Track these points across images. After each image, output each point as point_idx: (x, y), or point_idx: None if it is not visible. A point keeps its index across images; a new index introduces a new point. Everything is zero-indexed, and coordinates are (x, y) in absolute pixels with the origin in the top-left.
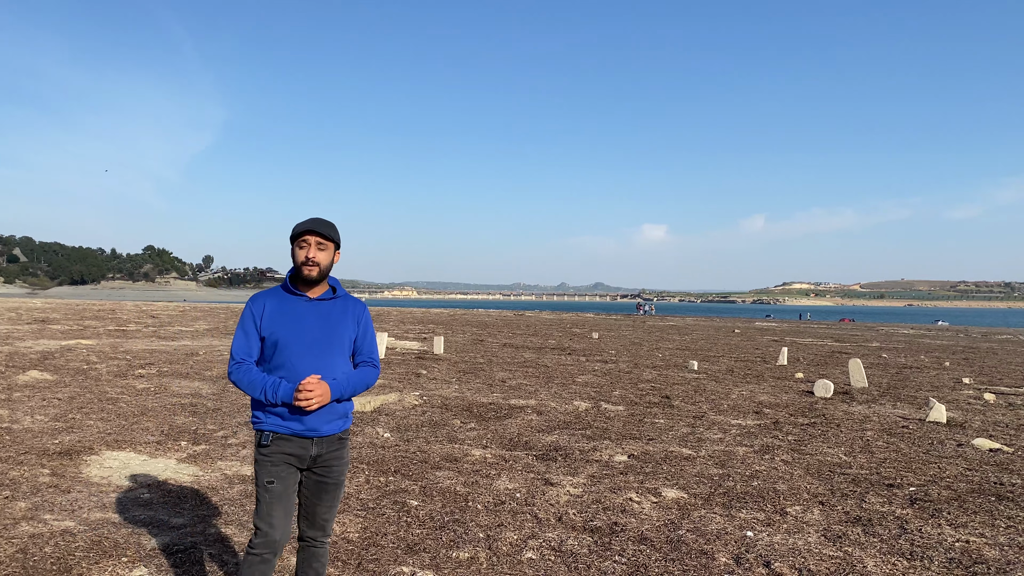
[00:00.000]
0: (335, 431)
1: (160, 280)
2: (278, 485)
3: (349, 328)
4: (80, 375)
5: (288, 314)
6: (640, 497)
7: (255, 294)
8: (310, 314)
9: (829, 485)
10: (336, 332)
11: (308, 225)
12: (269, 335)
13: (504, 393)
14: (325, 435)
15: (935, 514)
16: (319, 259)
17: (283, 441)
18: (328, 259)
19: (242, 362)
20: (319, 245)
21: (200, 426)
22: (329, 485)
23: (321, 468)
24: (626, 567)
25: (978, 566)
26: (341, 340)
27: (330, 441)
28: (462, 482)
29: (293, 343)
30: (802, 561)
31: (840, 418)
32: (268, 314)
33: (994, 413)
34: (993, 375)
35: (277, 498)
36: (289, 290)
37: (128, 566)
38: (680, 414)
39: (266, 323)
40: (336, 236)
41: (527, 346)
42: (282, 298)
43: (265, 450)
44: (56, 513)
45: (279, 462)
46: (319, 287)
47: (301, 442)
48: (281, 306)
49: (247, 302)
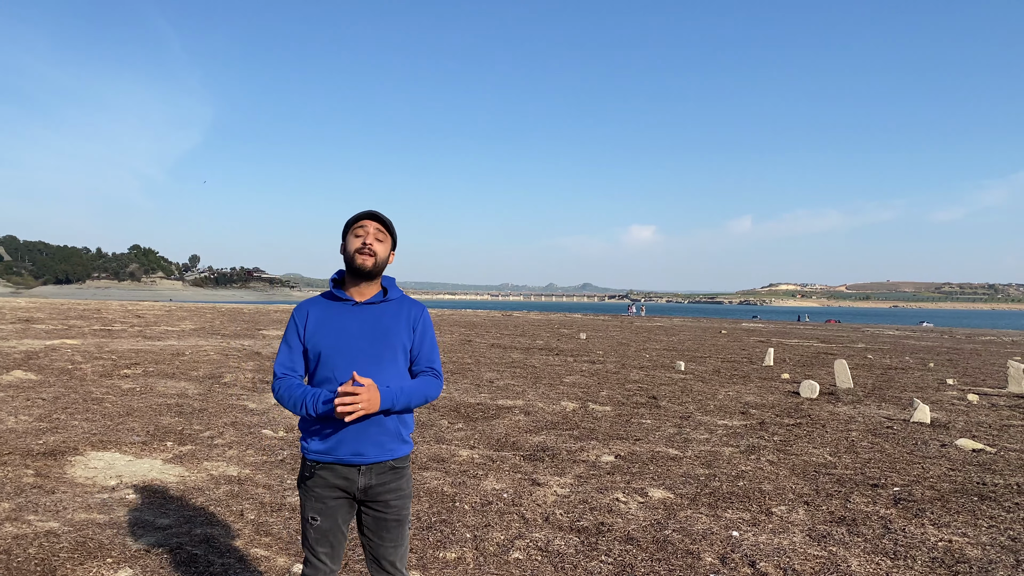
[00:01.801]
0: (385, 457)
1: (146, 280)
2: (324, 522)
3: (403, 335)
4: (65, 375)
5: (332, 322)
6: (627, 497)
7: (300, 302)
8: (356, 321)
9: (814, 485)
10: (386, 340)
11: (368, 211)
12: (312, 346)
13: (492, 393)
14: (373, 462)
15: (919, 514)
16: (376, 248)
17: (326, 471)
18: (385, 252)
19: (283, 377)
20: (378, 234)
21: (186, 426)
22: (390, 522)
23: (377, 503)
24: (612, 567)
25: (960, 565)
26: (393, 349)
27: (380, 471)
28: (449, 482)
29: (336, 354)
30: (787, 561)
31: (825, 419)
32: (312, 323)
33: (977, 414)
34: (977, 376)
35: (323, 535)
36: (334, 295)
37: (113, 567)
38: (667, 414)
39: (310, 333)
40: (395, 232)
41: (515, 346)
42: (327, 305)
43: (308, 483)
44: (40, 514)
45: (324, 496)
46: (370, 288)
47: (346, 471)
48: (325, 314)
49: (292, 311)
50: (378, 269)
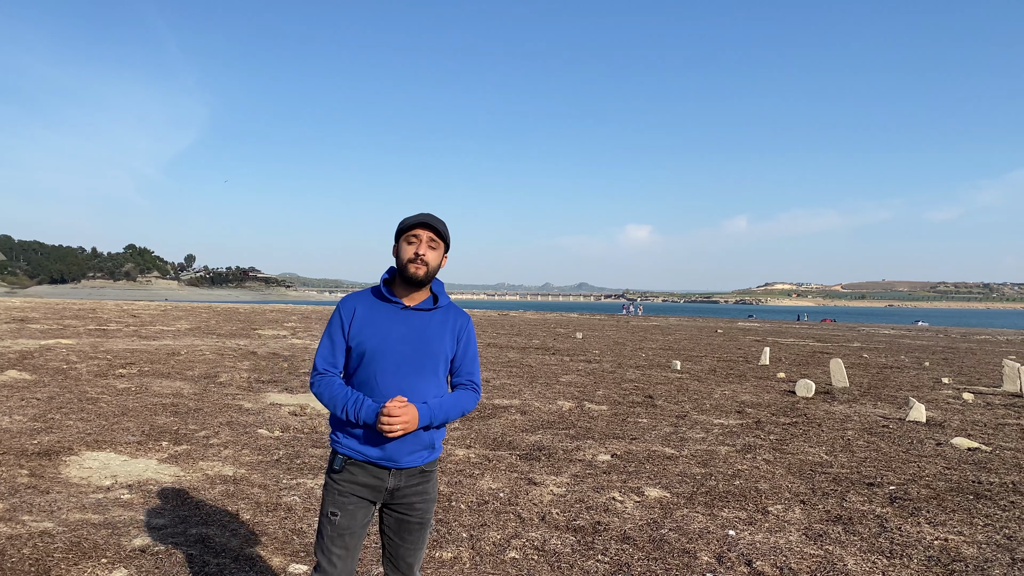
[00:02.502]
0: (417, 463)
1: (141, 279)
2: (343, 519)
3: (447, 344)
4: (60, 375)
5: (378, 323)
6: (623, 496)
7: (346, 295)
8: (403, 325)
9: (810, 484)
10: (431, 348)
11: (421, 218)
12: (356, 345)
13: (488, 393)
14: (405, 467)
15: (914, 512)
16: (429, 258)
17: (356, 468)
18: (437, 260)
19: (325, 373)
20: (431, 243)
21: (181, 426)
22: (412, 525)
23: (401, 505)
24: (609, 566)
25: (956, 564)
26: (435, 358)
27: (410, 474)
28: (445, 482)
29: (380, 358)
30: (783, 560)
31: (821, 418)
32: (358, 320)
33: (972, 413)
34: (972, 375)
35: (340, 533)
36: (383, 295)
37: (108, 567)
38: (663, 414)
39: (355, 330)
40: (448, 236)
41: (511, 346)
42: (374, 303)
43: (335, 476)
44: (34, 514)
45: (348, 492)
46: (419, 293)
47: (377, 471)
48: (372, 312)
49: (337, 304)
50: (429, 277)
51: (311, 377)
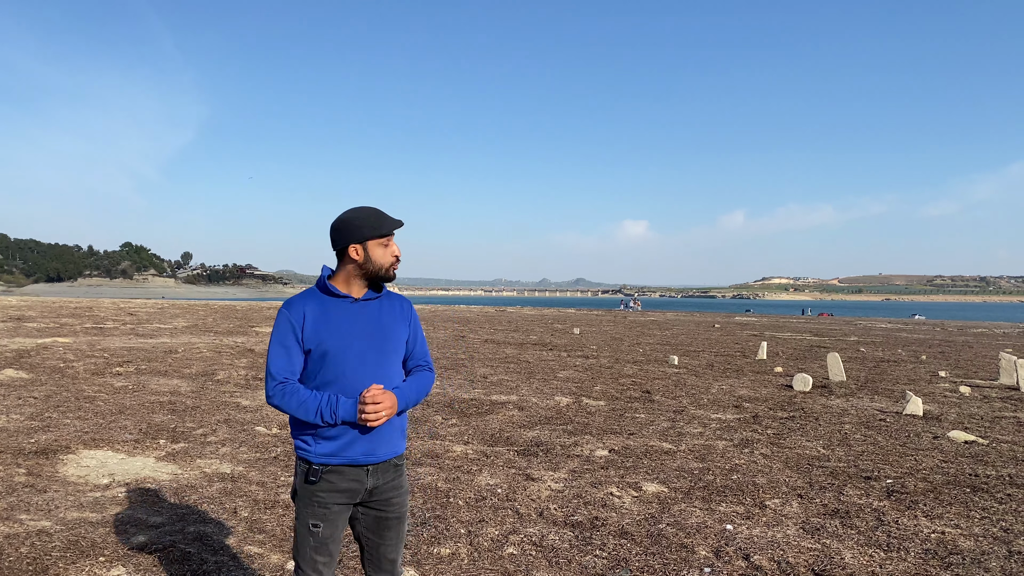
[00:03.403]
0: (394, 454)
1: (138, 277)
2: (326, 529)
3: (401, 329)
4: (57, 373)
5: (333, 321)
6: (621, 491)
7: (288, 300)
8: (359, 318)
9: (807, 478)
10: (390, 336)
11: (396, 221)
12: (316, 346)
13: (485, 389)
14: (383, 460)
15: (911, 506)
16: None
17: (334, 475)
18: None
19: (285, 382)
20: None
21: (179, 424)
22: (391, 520)
23: (379, 502)
24: (607, 561)
25: (953, 557)
26: (396, 344)
27: (386, 469)
28: (443, 478)
29: (345, 354)
30: (781, 554)
31: (818, 412)
32: (311, 322)
33: (969, 406)
34: (968, 368)
35: (323, 544)
36: (330, 291)
37: (106, 566)
38: (660, 409)
39: (309, 333)
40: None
41: (509, 342)
42: (323, 301)
43: (313, 487)
44: (32, 513)
45: (329, 502)
46: (363, 285)
47: (355, 473)
48: (324, 312)
49: (281, 310)
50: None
51: (268, 389)
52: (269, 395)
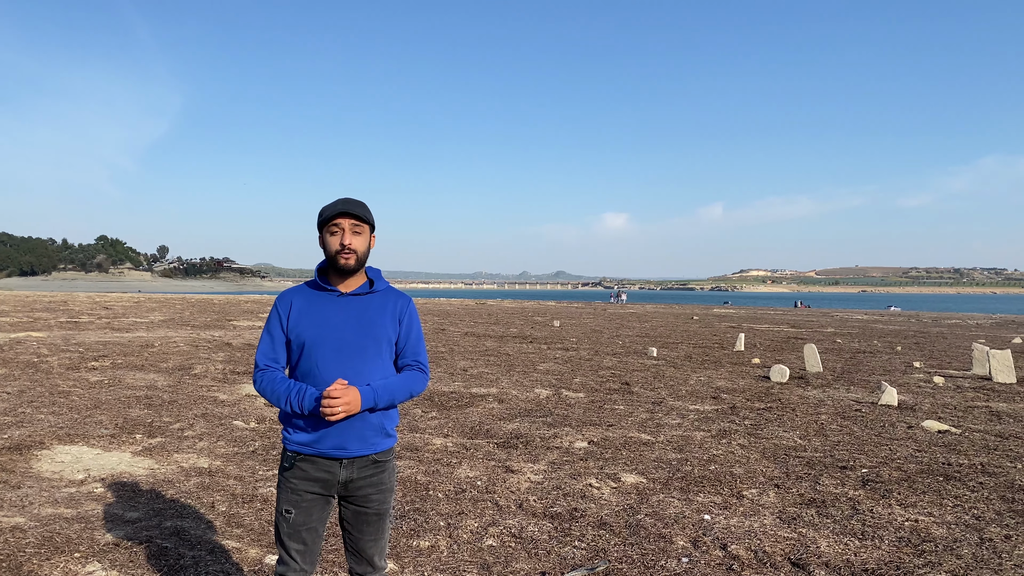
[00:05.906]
0: (368, 451)
1: (114, 271)
2: (298, 516)
3: (388, 327)
4: (30, 368)
5: (315, 312)
6: (600, 483)
7: (283, 291)
8: (341, 312)
9: (784, 468)
10: (371, 331)
11: (339, 207)
12: (295, 336)
13: (465, 382)
14: (355, 455)
15: (886, 495)
16: (355, 245)
17: (307, 464)
18: (364, 245)
19: (266, 369)
20: (354, 229)
21: (155, 419)
22: (370, 516)
23: (357, 497)
24: (586, 552)
25: (926, 544)
26: (377, 341)
27: (362, 464)
28: (423, 471)
29: (320, 345)
30: (758, 543)
31: (795, 402)
32: (295, 312)
33: (943, 396)
34: (942, 359)
35: (296, 529)
36: (319, 285)
37: (81, 562)
38: (639, 400)
39: (292, 322)
40: (371, 217)
41: (489, 334)
42: (311, 294)
43: (287, 473)
44: (5, 509)
45: (300, 490)
46: (355, 279)
47: (327, 464)
48: (309, 303)
49: (275, 301)
50: (360, 263)
51: (254, 375)
52: (254, 380)
